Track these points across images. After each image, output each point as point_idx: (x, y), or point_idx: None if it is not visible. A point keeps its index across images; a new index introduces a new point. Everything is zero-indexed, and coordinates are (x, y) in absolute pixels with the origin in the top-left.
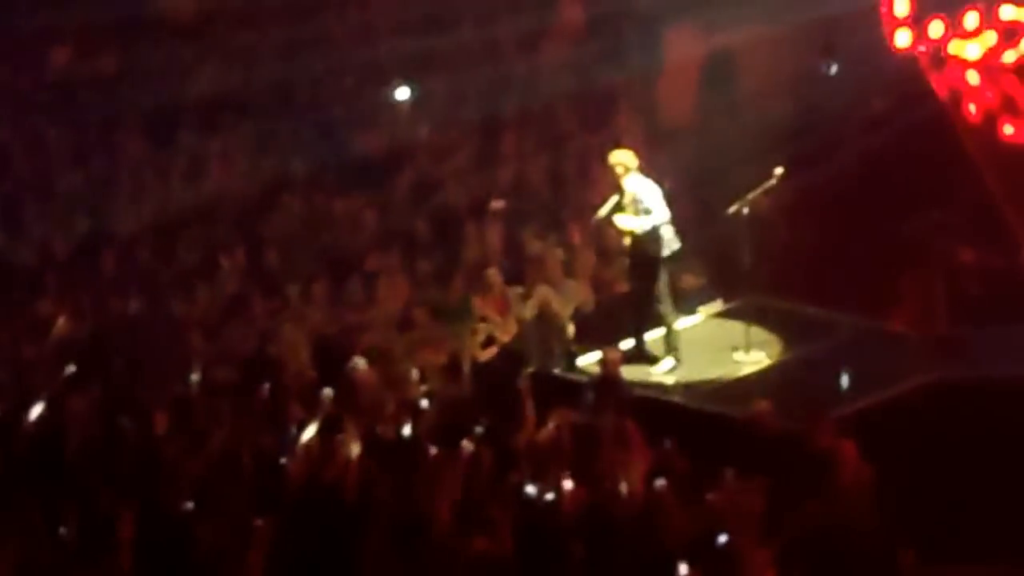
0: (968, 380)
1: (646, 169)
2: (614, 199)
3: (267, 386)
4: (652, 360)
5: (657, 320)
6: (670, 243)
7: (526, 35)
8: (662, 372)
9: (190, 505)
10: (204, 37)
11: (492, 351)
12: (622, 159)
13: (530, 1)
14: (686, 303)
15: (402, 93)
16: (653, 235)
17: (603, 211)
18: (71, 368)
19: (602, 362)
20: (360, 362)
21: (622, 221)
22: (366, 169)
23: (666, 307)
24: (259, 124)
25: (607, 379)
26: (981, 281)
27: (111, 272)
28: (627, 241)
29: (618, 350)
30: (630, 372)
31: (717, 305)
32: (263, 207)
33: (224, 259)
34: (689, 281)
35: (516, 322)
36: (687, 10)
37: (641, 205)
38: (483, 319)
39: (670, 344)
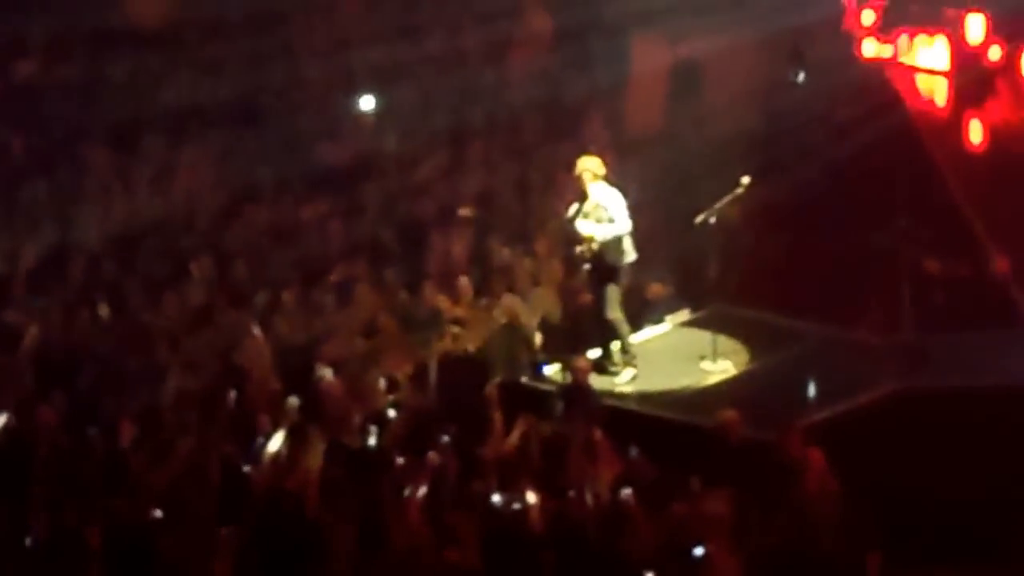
0: (935, 388)
1: (612, 178)
2: (577, 205)
3: (233, 395)
4: (614, 370)
5: (611, 329)
6: (629, 253)
7: (493, 45)
8: (624, 381)
9: (156, 515)
10: (171, 47)
11: (452, 349)
12: (590, 166)
13: (496, 11)
14: (653, 312)
15: (367, 103)
16: (615, 244)
17: (568, 215)
18: (39, 377)
19: (571, 371)
20: (326, 372)
21: (585, 228)
22: (333, 179)
23: (619, 316)
24: (226, 134)
25: (576, 388)
26: (947, 289)
27: (78, 282)
28: (588, 248)
29: (587, 359)
30: (597, 382)
31: (684, 314)
32: (230, 217)
33: (191, 269)
34: (656, 290)
35: (483, 331)
36: (654, 20)
37: (605, 213)
38: (451, 326)
39: (628, 353)
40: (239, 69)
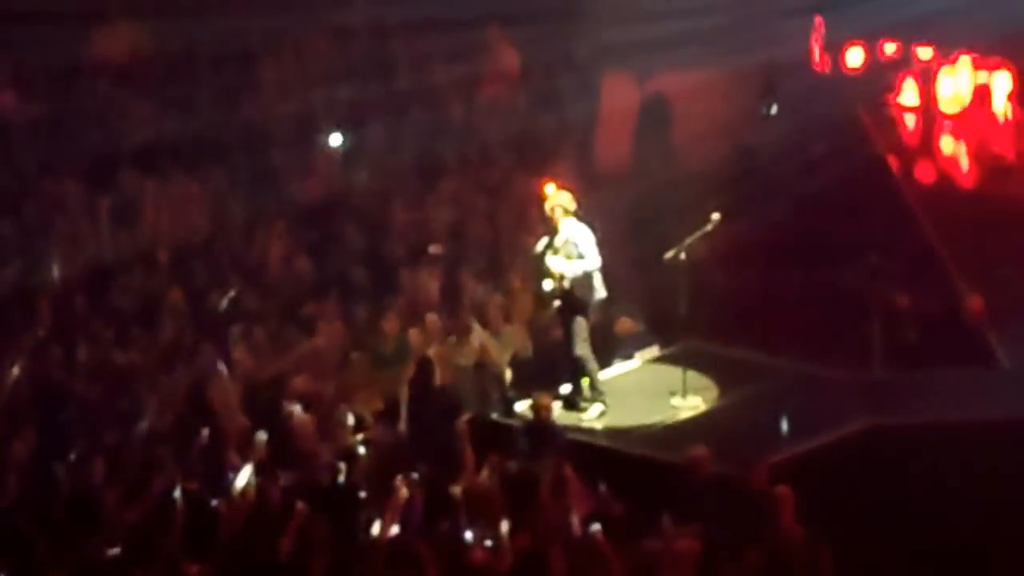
0: (904, 425)
1: (581, 213)
2: (546, 239)
3: (204, 432)
4: (584, 405)
5: (580, 365)
6: (599, 290)
7: (462, 81)
8: (593, 417)
9: (125, 552)
10: (140, 82)
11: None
12: (561, 200)
13: (466, 47)
14: (623, 348)
15: (337, 139)
16: (584, 281)
17: (536, 250)
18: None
19: (534, 408)
20: (296, 408)
21: (555, 264)
22: (303, 215)
23: (588, 353)
24: (196, 170)
25: (540, 425)
26: (917, 326)
27: (47, 318)
28: (558, 285)
29: (549, 396)
30: (566, 417)
31: (654, 350)
32: (200, 253)
33: (161, 305)
34: (626, 326)
35: (453, 367)
36: (623, 56)
37: (575, 249)
38: (420, 363)
39: (597, 389)
40: (209, 105)
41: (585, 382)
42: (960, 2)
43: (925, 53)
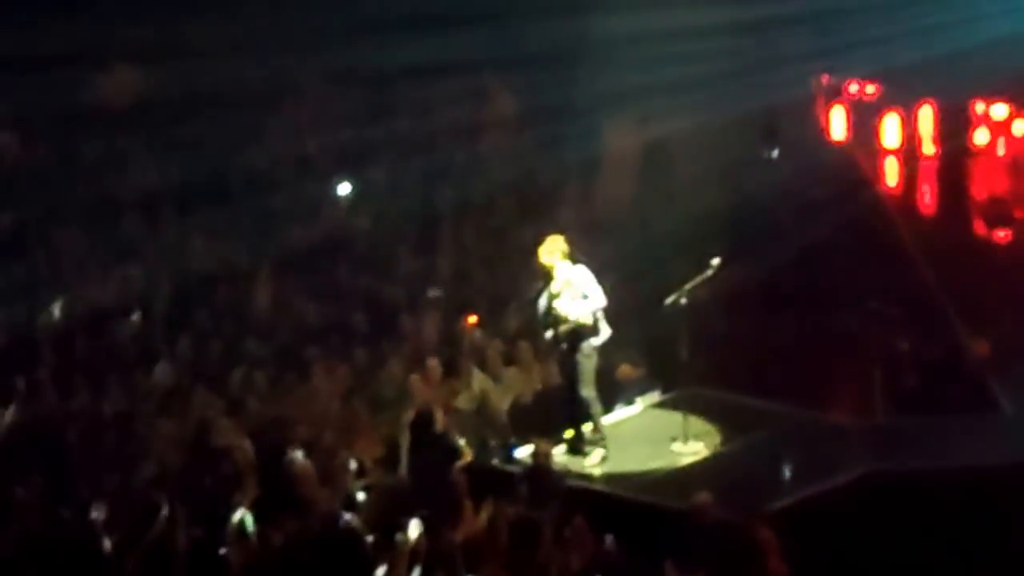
0: (905, 471)
1: (580, 256)
2: (542, 285)
3: (207, 477)
4: (586, 450)
5: (584, 408)
6: (604, 330)
7: (464, 126)
8: (594, 463)
9: None
10: (143, 127)
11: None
12: (556, 246)
13: (468, 94)
14: (624, 393)
15: (339, 184)
16: (591, 320)
17: (542, 299)
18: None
19: (534, 454)
20: (298, 454)
21: (563, 307)
22: (305, 259)
23: (593, 395)
24: (198, 214)
25: (540, 471)
26: (918, 371)
27: (50, 363)
28: (566, 328)
29: (548, 442)
30: (567, 463)
31: (655, 395)
32: (202, 297)
33: (163, 349)
34: (627, 371)
35: (454, 413)
36: (624, 101)
37: (578, 290)
38: (420, 409)
39: (599, 434)
40: (211, 150)
41: (587, 426)
42: (954, 46)
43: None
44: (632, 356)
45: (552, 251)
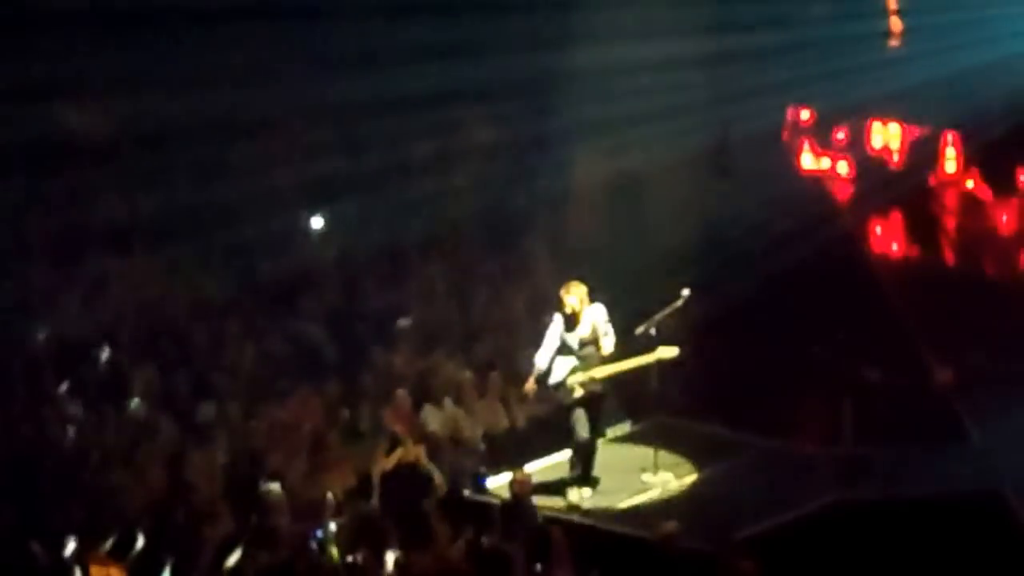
0: (874, 500)
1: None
2: (560, 333)
3: (180, 510)
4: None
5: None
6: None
7: (435, 157)
8: (584, 495)
9: None
10: (112, 160)
11: (396, 459)
12: (580, 290)
13: (437, 125)
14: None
15: (309, 216)
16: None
17: (564, 341)
18: None
19: (511, 484)
20: (272, 485)
21: (608, 345)
22: (274, 292)
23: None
24: (168, 248)
25: (516, 501)
26: (887, 401)
27: (21, 397)
28: (591, 369)
29: (525, 472)
30: (542, 493)
31: (625, 426)
32: (173, 331)
33: (134, 383)
34: None
35: (426, 443)
36: (594, 134)
37: (601, 329)
38: (392, 438)
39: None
40: (180, 183)
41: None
42: (921, 79)
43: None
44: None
45: (577, 295)
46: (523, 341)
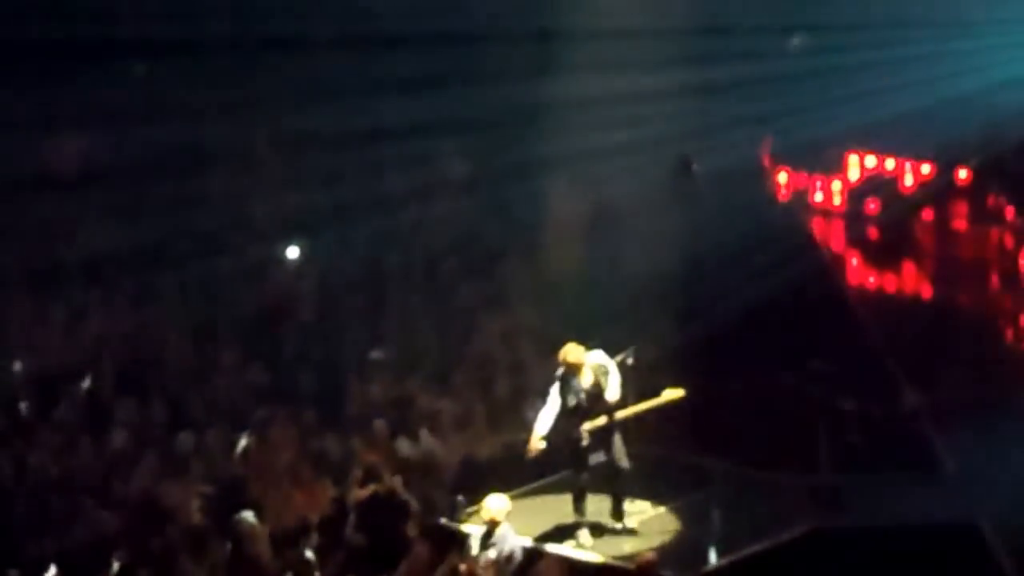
0: (849, 528)
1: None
2: (571, 383)
3: (156, 538)
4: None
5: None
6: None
7: (412, 188)
8: (546, 525)
9: None
10: (90, 192)
11: (371, 491)
12: (578, 351)
13: (414, 157)
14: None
15: (286, 246)
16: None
17: (570, 396)
18: None
19: (484, 511)
20: (248, 514)
21: (611, 394)
22: (252, 321)
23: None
24: (145, 278)
25: (492, 529)
26: (862, 430)
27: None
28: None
29: (501, 499)
30: (516, 524)
31: (601, 455)
32: (150, 360)
33: (113, 411)
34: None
35: (403, 472)
36: (572, 164)
37: (603, 370)
38: (367, 469)
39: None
40: (158, 214)
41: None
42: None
43: (868, 161)
44: None
45: (575, 354)
46: (499, 371)
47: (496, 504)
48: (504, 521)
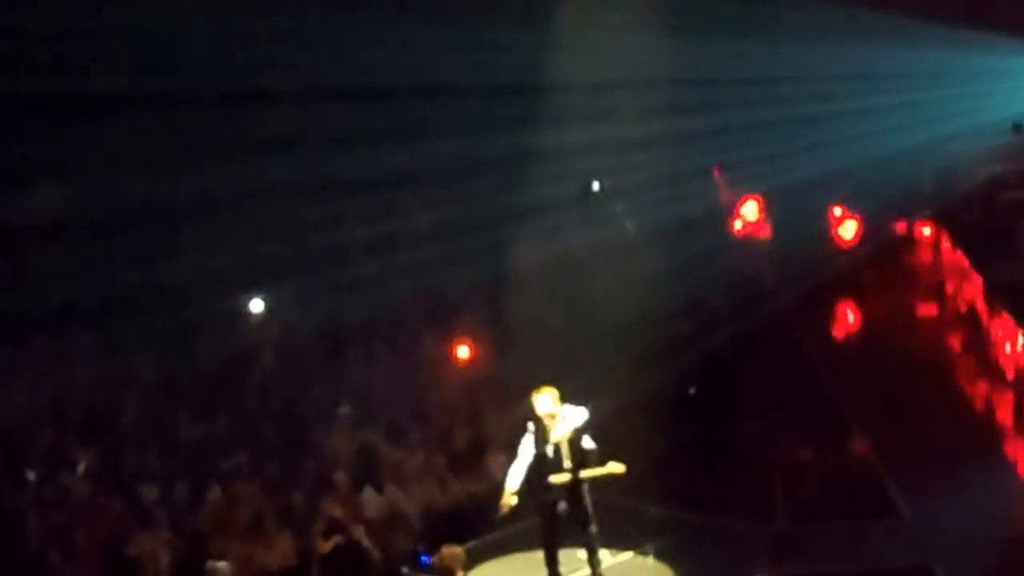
0: (807, 575)
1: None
2: (542, 433)
3: None
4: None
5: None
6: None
7: (375, 240)
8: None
9: None
10: (51, 243)
11: (334, 543)
12: (553, 395)
13: (377, 208)
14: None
15: (255, 304)
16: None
17: (544, 447)
18: None
19: (439, 559)
20: (220, 564)
21: (589, 444)
22: (215, 373)
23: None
24: (110, 329)
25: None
26: (818, 477)
27: None
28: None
29: (455, 548)
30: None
31: (562, 505)
32: (113, 413)
33: (75, 464)
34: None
35: (365, 522)
36: (533, 214)
37: (580, 422)
38: (331, 520)
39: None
40: (123, 264)
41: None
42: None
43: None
44: None
45: (551, 400)
46: (460, 420)
47: (445, 550)
48: (457, 567)
